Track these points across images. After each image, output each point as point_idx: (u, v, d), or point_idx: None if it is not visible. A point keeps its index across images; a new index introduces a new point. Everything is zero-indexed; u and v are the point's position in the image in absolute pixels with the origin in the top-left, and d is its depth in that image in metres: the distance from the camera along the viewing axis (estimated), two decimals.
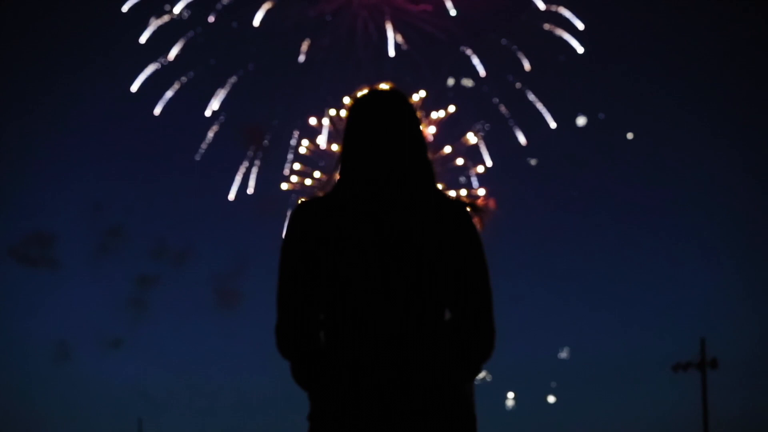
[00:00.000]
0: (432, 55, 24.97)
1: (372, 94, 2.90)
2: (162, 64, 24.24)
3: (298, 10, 24.52)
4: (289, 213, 2.89)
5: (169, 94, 24.43)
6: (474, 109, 24.76)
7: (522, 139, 25.60)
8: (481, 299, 2.71)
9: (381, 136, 2.79)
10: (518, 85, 25.25)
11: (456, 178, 23.32)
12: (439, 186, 2.84)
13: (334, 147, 23.44)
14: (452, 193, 3.00)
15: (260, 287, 23.37)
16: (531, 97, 25.28)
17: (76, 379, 28.06)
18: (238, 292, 28.58)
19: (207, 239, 29.61)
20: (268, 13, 24.18)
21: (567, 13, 24.63)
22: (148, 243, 30.40)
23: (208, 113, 24.67)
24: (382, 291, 2.63)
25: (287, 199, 23.60)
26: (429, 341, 2.64)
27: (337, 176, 2.82)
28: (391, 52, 24.28)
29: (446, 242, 2.68)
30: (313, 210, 2.74)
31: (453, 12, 24.06)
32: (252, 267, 28.06)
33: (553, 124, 25.34)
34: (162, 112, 24.71)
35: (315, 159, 22.87)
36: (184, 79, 24.49)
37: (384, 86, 2.93)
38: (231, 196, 25.24)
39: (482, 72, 25.07)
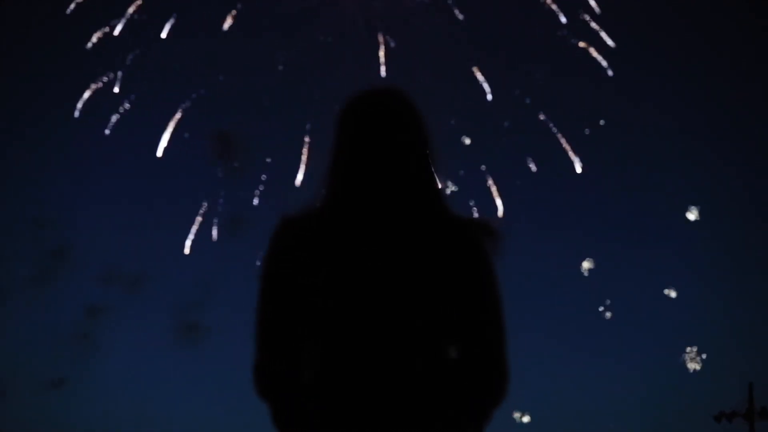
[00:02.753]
0: (430, 63, 24.13)
1: (367, 96, 2.74)
2: (116, 74, 23.50)
3: (277, 6, 23.52)
4: (272, 230, 2.74)
5: (126, 105, 23.70)
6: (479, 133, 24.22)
7: (533, 166, 24.88)
8: (491, 333, 2.59)
9: (376, 145, 2.64)
10: (528, 101, 24.33)
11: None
12: (448, 203, 2.69)
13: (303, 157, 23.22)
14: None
15: (227, 320, 23.00)
16: (543, 117, 24.51)
17: (8, 425, 27.87)
18: (201, 325, 28.15)
19: (166, 264, 29.11)
20: (240, 12, 23.12)
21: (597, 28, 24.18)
22: (98, 267, 29.79)
23: (159, 153, 23.83)
24: (381, 323, 2.51)
25: (257, 220, 23.29)
26: (433, 380, 2.52)
27: (324, 190, 2.67)
28: (383, 72, 23.56)
29: (451, 266, 2.55)
30: (300, 227, 2.61)
31: (460, 16, 23.36)
32: (217, 296, 27.55)
33: (578, 168, 24.48)
34: (117, 125, 23.90)
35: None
36: (144, 86, 23.74)
37: (381, 86, 2.78)
38: (186, 250, 24.47)
39: (488, 93, 24.15)
